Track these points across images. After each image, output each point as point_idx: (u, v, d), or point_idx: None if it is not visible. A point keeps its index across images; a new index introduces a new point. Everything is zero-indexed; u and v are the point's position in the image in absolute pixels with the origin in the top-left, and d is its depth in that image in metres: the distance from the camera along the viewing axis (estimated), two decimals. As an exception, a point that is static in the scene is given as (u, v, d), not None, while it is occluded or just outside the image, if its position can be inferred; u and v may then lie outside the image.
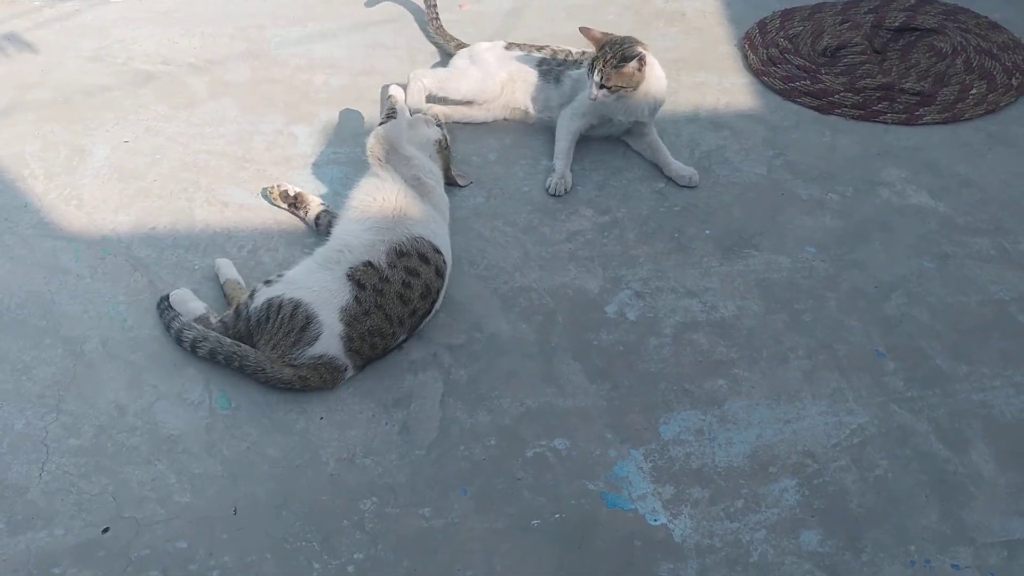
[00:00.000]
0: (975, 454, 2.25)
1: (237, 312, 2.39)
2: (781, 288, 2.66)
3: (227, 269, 2.59)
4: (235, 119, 3.20)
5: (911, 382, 2.41)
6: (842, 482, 2.19)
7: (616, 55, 2.87)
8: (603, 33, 2.94)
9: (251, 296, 2.39)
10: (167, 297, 2.48)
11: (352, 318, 2.32)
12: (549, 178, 2.95)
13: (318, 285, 2.35)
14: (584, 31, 2.96)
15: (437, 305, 2.49)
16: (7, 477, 2.14)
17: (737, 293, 2.64)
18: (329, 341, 2.30)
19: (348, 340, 2.31)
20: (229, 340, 2.34)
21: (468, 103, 3.19)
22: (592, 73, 2.88)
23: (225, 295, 2.54)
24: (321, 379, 2.31)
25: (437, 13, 3.51)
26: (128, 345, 2.43)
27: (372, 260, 2.39)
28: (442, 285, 2.47)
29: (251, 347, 2.34)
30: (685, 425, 2.30)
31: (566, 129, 3.05)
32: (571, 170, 2.99)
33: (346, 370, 2.34)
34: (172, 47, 3.54)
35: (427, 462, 2.21)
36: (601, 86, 2.87)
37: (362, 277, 2.36)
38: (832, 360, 2.46)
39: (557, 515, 2.11)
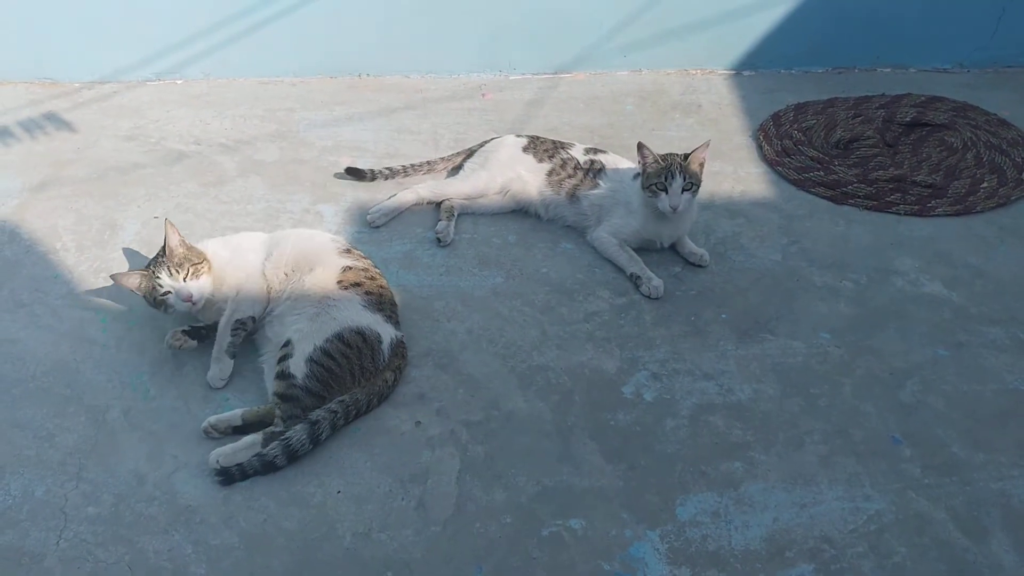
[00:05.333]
0: (995, 543, 2.23)
1: (286, 399, 2.38)
2: (796, 373, 2.68)
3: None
4: (263, 197, 3.29)
5: (928, 469, 2.41)
6: (860, 569, 2.17)
7: (681, 155, 2.96)
8: (650, 151, 2.96)
9: (285, 377, 2.39)
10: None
11: (368, 296, 2.60)
12: (641, 287, 2.94)
13: (336, 306, 2.55)
14: (640, 147, 2.95)
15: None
16: (25, 544, 2.15)
17: (753, 377, 2.66)
18: (385, 329, 2.57)
19: (386, 316, 2.61)
20: (333, 404, 2.39)
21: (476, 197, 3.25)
22: (671, 180, 2.89)
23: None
24: (400, 357, 2.59)
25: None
26: (150, 415, 2.47)
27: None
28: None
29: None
30: (701, 507, 2.29)
31: (616, 246, 3.05)
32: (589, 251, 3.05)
33: (402, 336, 2.64)
34: (204, 128, 3.66)
35: (443, 538, 2.20)
36: (684, 188, 2.91)
37: (347, 279, 2.63)
38: (848, 445, 2.46)
39: (572, 595, 2.10)
